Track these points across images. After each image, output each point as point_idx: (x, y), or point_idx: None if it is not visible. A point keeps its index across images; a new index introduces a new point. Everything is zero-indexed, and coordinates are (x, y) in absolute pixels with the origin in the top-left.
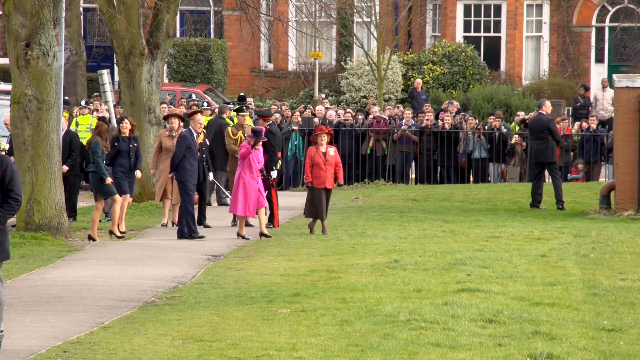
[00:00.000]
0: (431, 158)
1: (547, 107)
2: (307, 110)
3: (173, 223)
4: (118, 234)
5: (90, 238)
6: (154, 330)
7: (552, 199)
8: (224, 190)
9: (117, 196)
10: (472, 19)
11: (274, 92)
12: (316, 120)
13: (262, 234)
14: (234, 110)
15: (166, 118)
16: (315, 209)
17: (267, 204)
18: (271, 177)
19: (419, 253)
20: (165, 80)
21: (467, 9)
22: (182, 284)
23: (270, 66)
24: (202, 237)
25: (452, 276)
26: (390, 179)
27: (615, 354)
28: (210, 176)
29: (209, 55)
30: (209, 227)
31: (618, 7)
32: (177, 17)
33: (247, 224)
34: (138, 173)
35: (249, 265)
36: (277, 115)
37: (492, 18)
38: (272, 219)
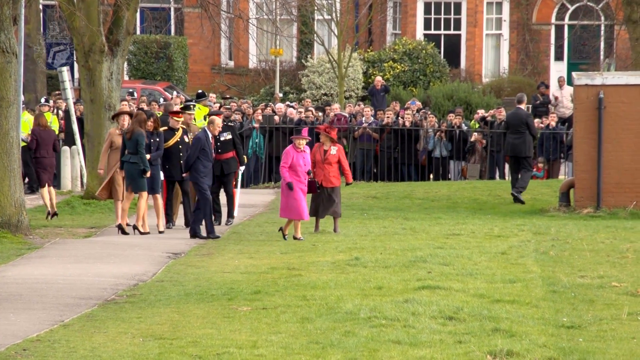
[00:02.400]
0: (392, 155)
1: (525, 102)
2: (268, 108)
3: (129, 224)
4: (142, 230)
5: (135, 228)
6: (114, 328)
7: (529, 193)
8: None
9: (144, 192)
10: (433, 16)
11: (235, 90)
12: (276, 118)
13: (295, 238)
14: (181, 109)
15: (115, 117)
16: (315, 208)
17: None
18: (241, 171)
19: (380, 250)
20: (126, 78)
21: (427, 7)
22: (142, 281)
23: (231, 64)
24: (217, 237)
25: (412, 273)
26: None
27: (574, 351)
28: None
29: (170, 52)
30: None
31: (577, 4)
32: (137, 14)
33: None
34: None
35: (210, 262)
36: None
37: (452, 16)
38: (232, 215)
